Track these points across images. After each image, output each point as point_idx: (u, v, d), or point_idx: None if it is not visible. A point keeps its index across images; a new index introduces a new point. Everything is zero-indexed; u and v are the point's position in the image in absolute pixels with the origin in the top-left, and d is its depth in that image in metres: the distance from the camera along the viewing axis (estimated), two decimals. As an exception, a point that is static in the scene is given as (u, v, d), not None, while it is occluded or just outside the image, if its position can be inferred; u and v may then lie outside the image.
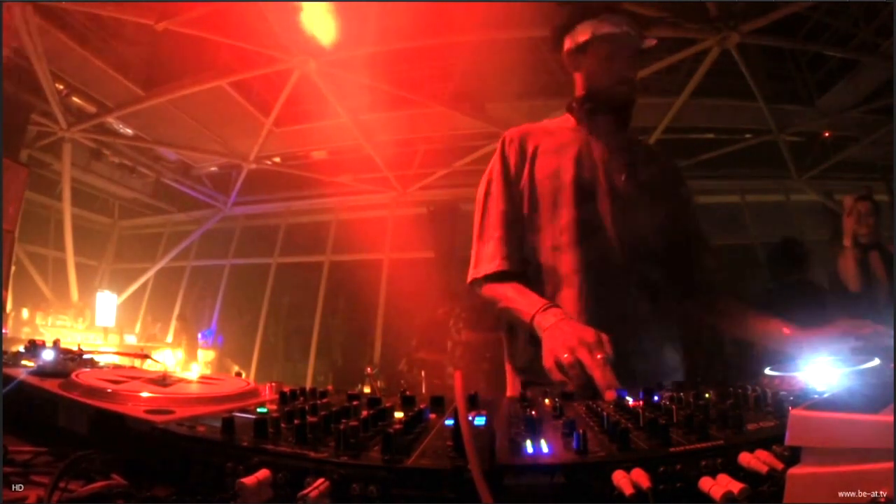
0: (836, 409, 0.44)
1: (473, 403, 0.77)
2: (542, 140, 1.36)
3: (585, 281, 1.23)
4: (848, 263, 2.79)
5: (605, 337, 0.98)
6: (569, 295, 1.24)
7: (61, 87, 6.05)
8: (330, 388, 0.91)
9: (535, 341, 1.19)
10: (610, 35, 1.29)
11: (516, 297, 1.20)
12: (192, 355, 7.17)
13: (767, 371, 1.07)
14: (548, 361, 1.01)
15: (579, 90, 1.38)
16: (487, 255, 1.30)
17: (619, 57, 1.30)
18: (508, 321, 1.37)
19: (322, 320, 8.02)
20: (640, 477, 0.46)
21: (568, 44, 1.37)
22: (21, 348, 1.15)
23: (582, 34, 1.32)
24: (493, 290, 1.26)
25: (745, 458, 0.49)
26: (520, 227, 1.32)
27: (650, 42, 1.34)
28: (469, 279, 1.32)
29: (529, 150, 1.35)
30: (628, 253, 1.26)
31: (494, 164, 1.38)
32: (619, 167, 1.31)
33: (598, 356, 0.93)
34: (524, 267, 1.30)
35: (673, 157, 1.61)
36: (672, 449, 0.52)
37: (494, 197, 1.34)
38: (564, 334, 1.01)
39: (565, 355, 0.96)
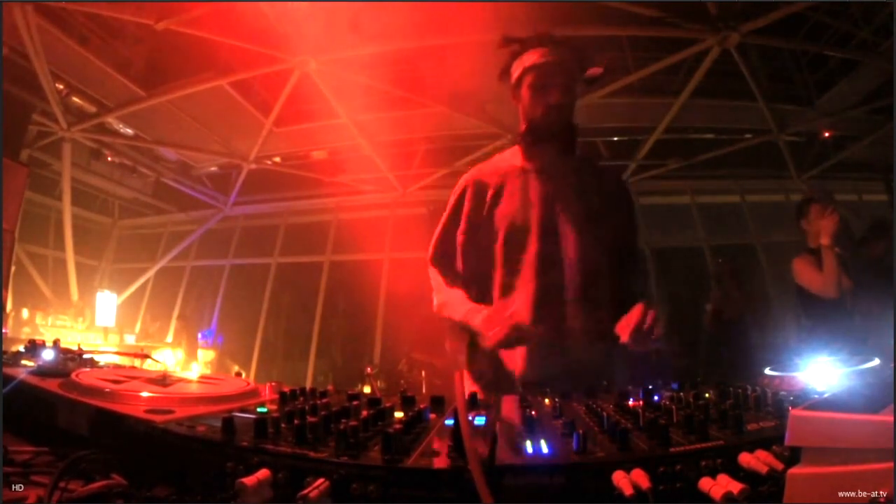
0: (836, 409, 0.44)
1: (473, 403, 0.77)
2: (495, 182, 1.43)
3: (532, 311, 1.32)
4: (828, 265, 2.69)
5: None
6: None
7: (61, 87, 6.04)
8: (330, 388, 0.91)
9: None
10: (535, 65, 1.33)
11: (453, 305, 1.35)
12: (192, 355, 7.16)
13: (767, 371, 1.07)
14: (489, 342, 1.18)
15: (522, 123, 1.43)
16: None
17: (546, 85, 1.33)
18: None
19: (322, 320, 8.01)
20: (640, 477, 0.46)
21: (509, 81, 1.43)
22: (21, 348, 1.15)
23: (516, 70, 1.39)
24: (441, 304, 1.43)
25: (745, 459, 0.49)
26: (467, 255, 1.44)
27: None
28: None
29: (486, 193, 1.42)
30: (567, 280, 1.34)
31: (451, 199, 1.47)
32: (561, 198, 1.38)
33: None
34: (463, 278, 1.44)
35: (621, 171, 1.66)
36: (672, 449, 0.52)
37: (442, 223, 1.49)
38: (493, 318, 1.20)
39: (500, 329, 1.15)
